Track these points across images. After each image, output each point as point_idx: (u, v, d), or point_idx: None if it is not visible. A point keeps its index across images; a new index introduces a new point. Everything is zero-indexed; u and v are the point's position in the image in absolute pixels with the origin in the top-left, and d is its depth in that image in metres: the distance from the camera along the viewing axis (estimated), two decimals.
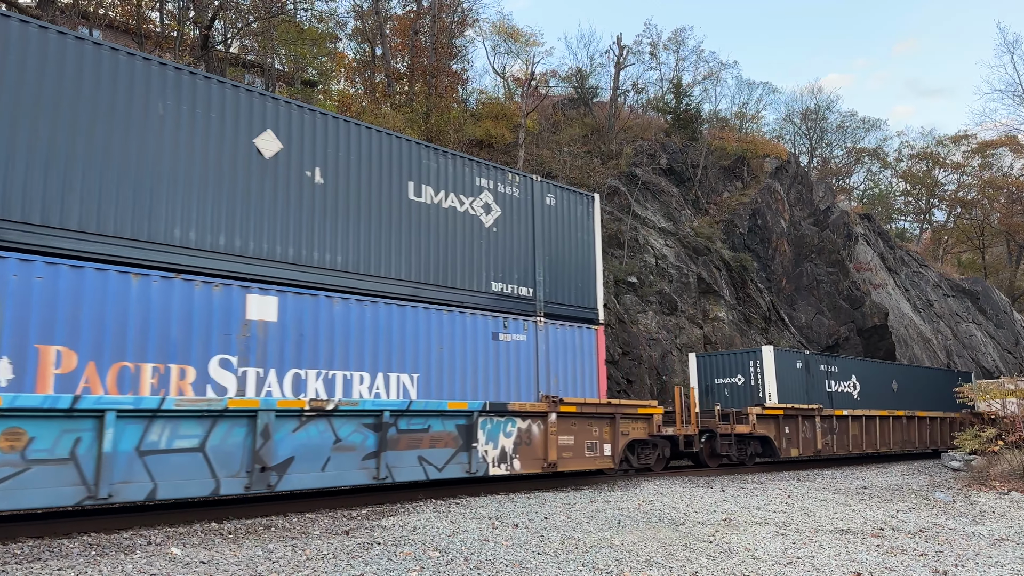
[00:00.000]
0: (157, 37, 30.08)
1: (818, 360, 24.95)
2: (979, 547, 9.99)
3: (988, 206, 62.56)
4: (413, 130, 30.27)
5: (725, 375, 24.40)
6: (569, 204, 16.70)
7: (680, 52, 50.75)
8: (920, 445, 27.72)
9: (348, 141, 12.93)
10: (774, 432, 21.63)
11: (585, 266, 16.64)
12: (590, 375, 16.14)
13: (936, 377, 31.60)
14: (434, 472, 12.89)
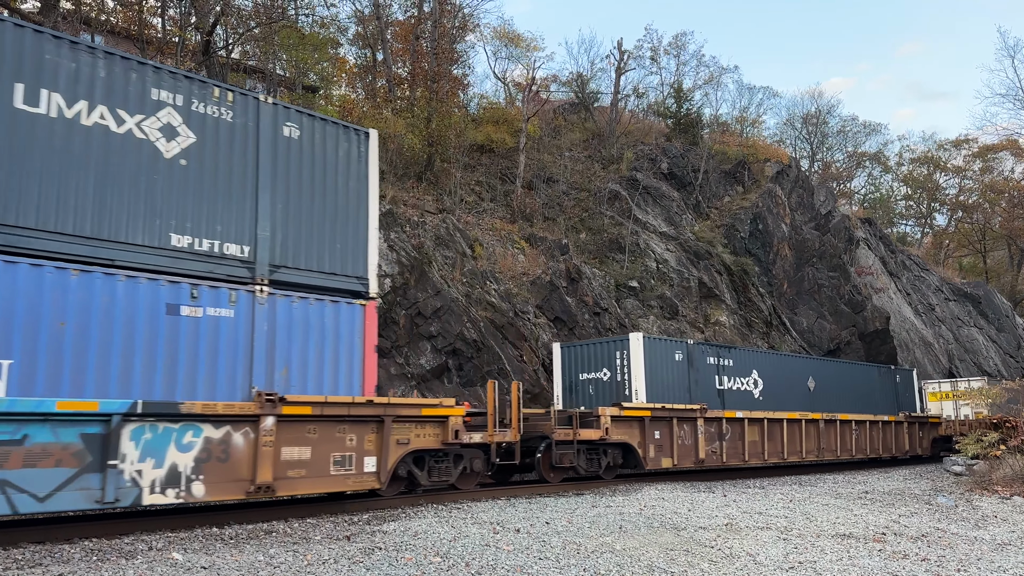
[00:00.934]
0: (159, 43, 30.17)
1: (706, 351, 21.65)
2: (982, 552, 9.97)
3: (989, 210, 62.53)
4: (415, 135, 30.33)
5: (590, 369, 20.83)
6: (324, 140, 12.86)
7: (681, 57, 50.96)
8: (844, 454, 24.04)
9: None
10: (638, 438, 17.75)
11: (350, 222, 12.93)
12: (349, 366, 12.46)
13: (867, 375, 28.49)
14: (29, 503, 8.96)
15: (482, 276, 26.48)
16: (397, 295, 22.97)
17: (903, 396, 29.90)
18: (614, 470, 17.65)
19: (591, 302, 28.41)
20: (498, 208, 33.04)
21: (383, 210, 24.99)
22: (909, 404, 30.10)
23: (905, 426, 27.10)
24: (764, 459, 20.87)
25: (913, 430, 27.68)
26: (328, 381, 12.17)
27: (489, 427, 14.40)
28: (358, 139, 13.41)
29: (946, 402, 31.42)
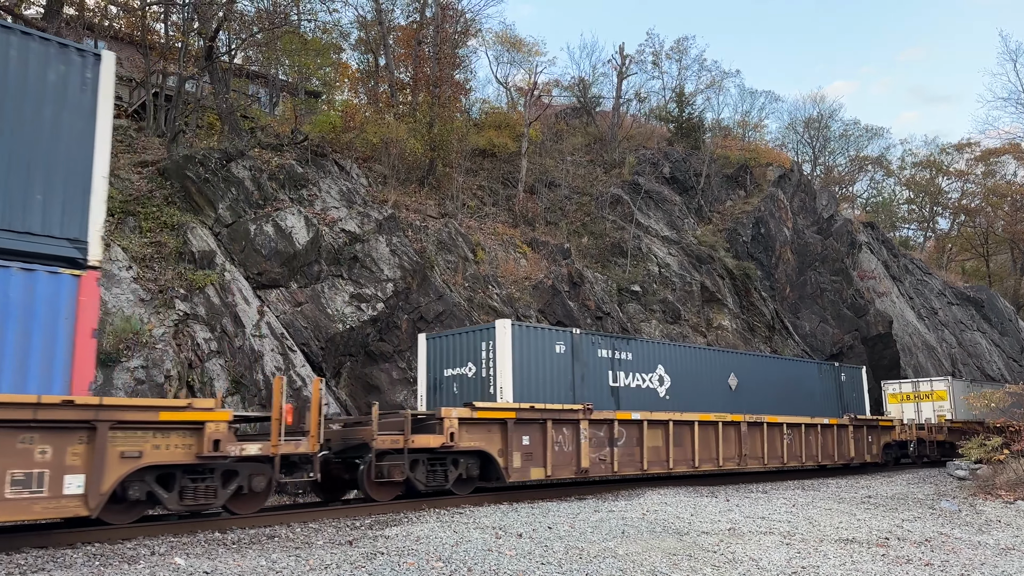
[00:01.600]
0: (162, 48, 30.28)
1: (597, 343, 18.74)
2: (985, 556, 9.94)
3: (992, 214, 62.45)
4: (417, 139, 30.37)
5: (455, 363, 17.93)
6: (25, 60, 9.93)
7: (682, 61, 50.78)
8: (773, 461, 20.97)
9: None
10: (499, 445, 14.69)
11: (61, 168, 10.06)
12: (47, 355, 9.53)
13: (805, 372, 25.60)
14: None
15: (484, 280, 26.50)
16: (399, 299, 22.99)
17: (850, 397, 27.29)
18: (469, 483, 14.72)
19: (593, 306, 28.40)
20: (500, 212, 33.07)
21: (385, 214, 25.05)
22: (857, 405, 27.42)
23: (850, 430, 24.12)
24: (669, 467, 17.91)
25: (860, 434, 24.71)
26: (8, 375, 9.19)
27: (273, 435, 11.33)
28: (82, 63, 10.35)
29: (907, 404, 30.02)
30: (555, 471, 15.51)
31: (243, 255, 21.81)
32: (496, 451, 14.69)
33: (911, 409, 29.75)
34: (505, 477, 14.74)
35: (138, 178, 22.79)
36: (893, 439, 26.17)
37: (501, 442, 14.80)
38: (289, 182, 24.45)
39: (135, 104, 31.63)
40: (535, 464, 15.26)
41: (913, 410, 29.63)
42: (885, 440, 25.89)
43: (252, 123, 29.77)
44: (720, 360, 22.42)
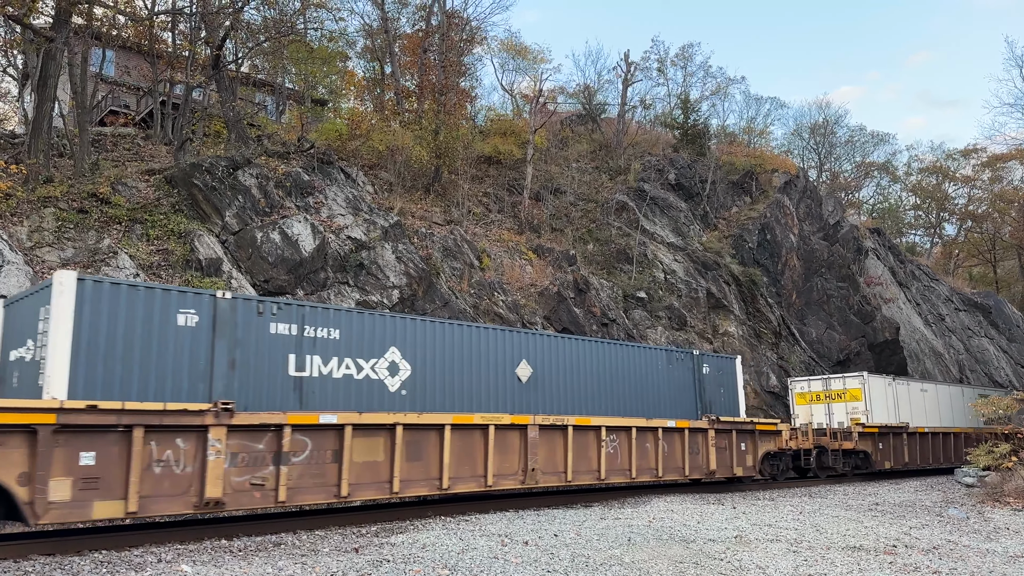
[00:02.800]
0: (169, 57, 30.46)
1: (270, 314, 13.37)
2: (994, 564, 9.88)
3: (999, 220, 62.23)
4: (422, 147, 30.47)
5: (19, 341, 12.83)
6: None
7: (688, 68, 51.00)
8: (585, 476, 15.47)
9: None
10: (22, 468, 9.18)
11: None
12: None
13: (644, 362, 20.10)
14: None
15: (490, 287, 26.52)
16: (405, 306, 23.02)
17: (715, 394, 21.78)
18: None
19: (599, 313, 28.39)
20: (505, 219, 33.11)
21: (391, 221, 25.12)
22: (727, 405, 22.12)
23: (711, 436, 18.28)
24: (393, 490, 12.39)
25: (727, 441, 18.94)
26: None
27: None
28: None
29: (817, 405, 26.10)
30: (150, 505, 10.06)
31: (250, 262, 21.89)
32: (14, 478, 9.16)
33: (821, 411, 25.88)
34: (31, 516, 9.17)
35: (145, 186, 22.91)
36: (778, 447, 20.74)
37: (29, 464, 9.26)
38: (295, 190, 24.54)
39: (142, 112, 31.82)
40: (106, 494, 9.73)
41: (823, 412, 25.80)
42: (767, 448, 20.26)
43: (259, 131, 29.91)
44: (503, 342, 16.69)
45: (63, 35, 22.21)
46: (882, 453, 24.37)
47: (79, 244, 19.47)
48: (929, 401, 28.50)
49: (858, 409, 25.09)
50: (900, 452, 25.28)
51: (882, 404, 25.64)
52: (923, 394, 28.40)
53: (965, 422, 29.63)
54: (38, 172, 21.19)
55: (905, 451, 25.46)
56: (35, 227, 19.43)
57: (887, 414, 25.66)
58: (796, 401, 27.09)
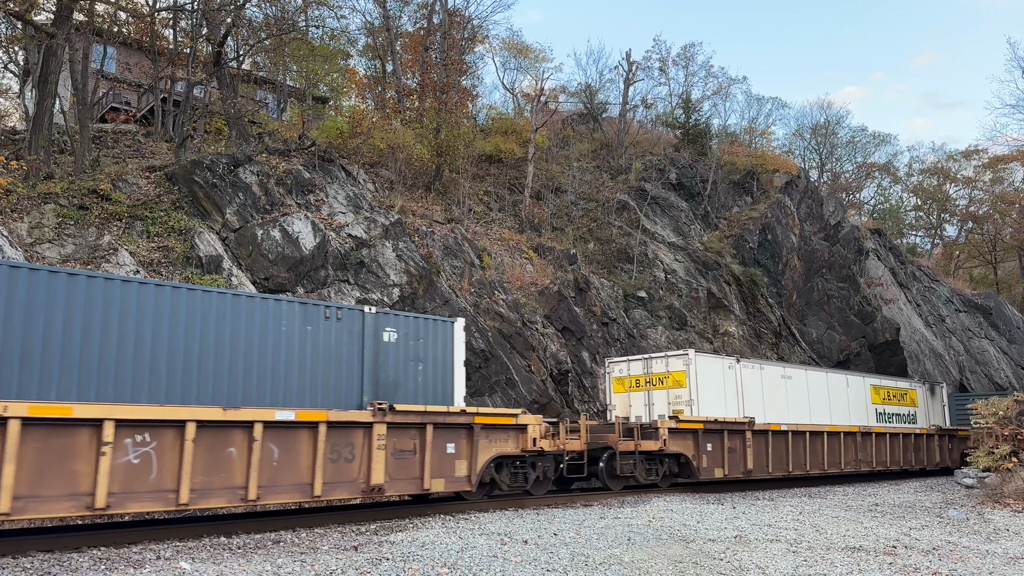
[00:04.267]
0: (170, 54, 30.43)
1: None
2: (993, 565, 9.87)
3: (1000, 221, 62.20)
4: (424, 145, 30.45)
5: None
6: None
7: (689, 68, 50.98)
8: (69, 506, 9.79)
9: None
10: None
11: None
12: None
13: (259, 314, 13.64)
14: None
15: (490, 286, 26.51)
16: (405, 305, 23.01)
17: (405, 371, 15.45)
18: None
19: (599, 312, 28.37)
20: (506, 218, 33.09)
21: (392, 220, 25.10)
22: (432, 388, 15.69)
23: (378, 433, 12.72)
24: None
25: (417, 441, 13.36)
26: None
27: None
28: None
29: (636, 393, 20.96)
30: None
31: (250, 260, 21.87)
32: None
33: (640, 401, 20.70)
34: None
35: (146, 183, 22.89)
36: (522, 448, 14.91)
37: None
38: (296, 187, 24.52)
39: (143, 109, 31.80)
40: None
41: (643, 403, 20.63)
42: (499, 451, 14.58)
43: (260, 128, 29.89)
44: None
45: (64, 31, 22.19)
46: (711, 457, 18.90)
47: (79, 241, 19.46)
48: (796, 391, 22.73)
49: (681, 398, 19.67)
50: (740, 456, 19.71)
51: (715, 392, 20.15)
52: (786, 382, 22.50)
53: (863, 419, 24.95)
54: (39, 168, 21.18)
55: (748, 455, 19.79)
56: (35, 223, 19.42)
57: (723, 405, 20.21)
58: (613, 388, 21.64)
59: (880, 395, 26.50)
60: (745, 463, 19.73)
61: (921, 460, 26.61)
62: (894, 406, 27.05)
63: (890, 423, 26.31)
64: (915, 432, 26.50)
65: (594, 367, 26.89)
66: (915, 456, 26.16)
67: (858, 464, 23.52)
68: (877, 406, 26.15)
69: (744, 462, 19.72)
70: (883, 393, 26.69)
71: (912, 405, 28.05)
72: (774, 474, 20.83)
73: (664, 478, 18.39)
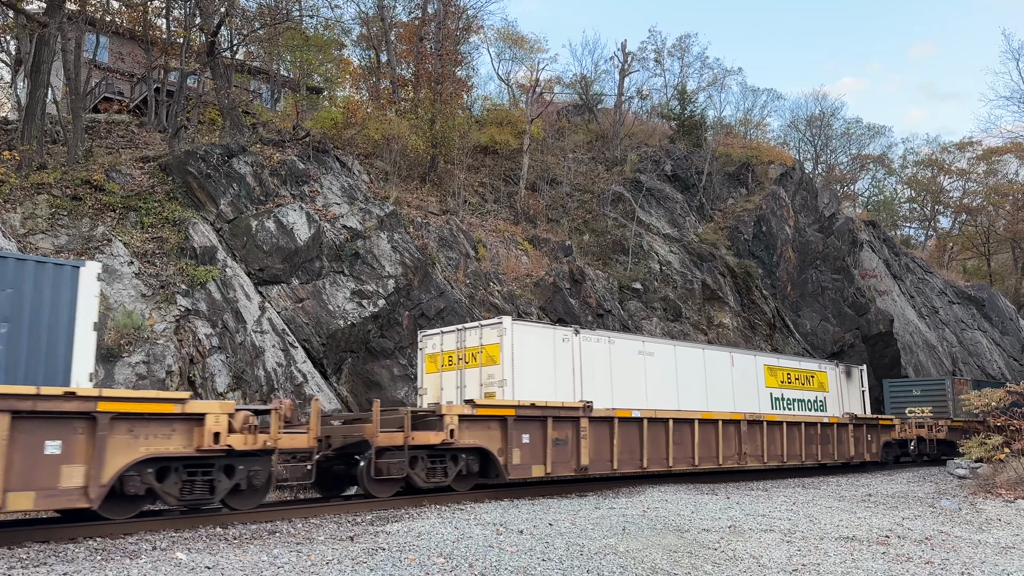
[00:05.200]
0: (163, 43, 30.26)
1: None
2: (985, 555, 9.94)
3: (994, 213, 62.42)
4: (418, 136, 30.36)
5: None
6: None
7: (685, 59, 50.78)
8: None
9: None
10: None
11: None
12: None
13: None
14: None
15: (485, 277, 26.50)
16: (400, 296, 23.00)
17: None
18: None
19: (594, 304, 28.40)
20: (502, 210, 33.06)
21: (387, 211, 25.06)
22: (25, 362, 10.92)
23: None
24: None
25: None
26: None
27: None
28: None
29: (448, 372, 17.48)
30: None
31: (244, 251, 21.82)
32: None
33: (452, 382, 17.33)
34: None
35: (140, 173, 22.80)
36: (196, 447, 10.80)
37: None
38: (291, 178, 24.45)
39: (136, 99, 31.63)
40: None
41: (455, 384, 17.28)
42: (146, 452, 10.35)
43: (254, 119, 29.77)
44: None
45: (56, 20, 22.04)
46: (527, 451, 14.98)
47: (73, 231, 19.38)
48: (659, 371, 19.01)
49: (494, 377, 16.07)
50: (571, 449, 15.71)
51: (541, 370, 16.55)
52: (645, 359, 18.69)
53: (753, 404, 21.54)
54: (31, 159, 21.06)
55: (583, 448, 15.80)
56: (28, 214, 19.33)
57: (552, 386, 16.51)
58: (425, 367, 18.28)
59: (777, 377, 22.92)
60: (578, 458, 15.75)
61: (830, 454, 22.90)
62: (796, 390, 23.61)
63: (789, 410, 22.94)
64: (821, 421, 22.79)
65: None
66: (822, 449, 22.43)
67: (743, 459, 19.44)
68: (773, 390, 22.58)
69: (577, 456, 15.76)
70: (781, 375, 23.12)
71: (820, 390, 24.59)
72: (621, 471, 16.79)
73: (460, 479, 14.41)
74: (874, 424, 25.39)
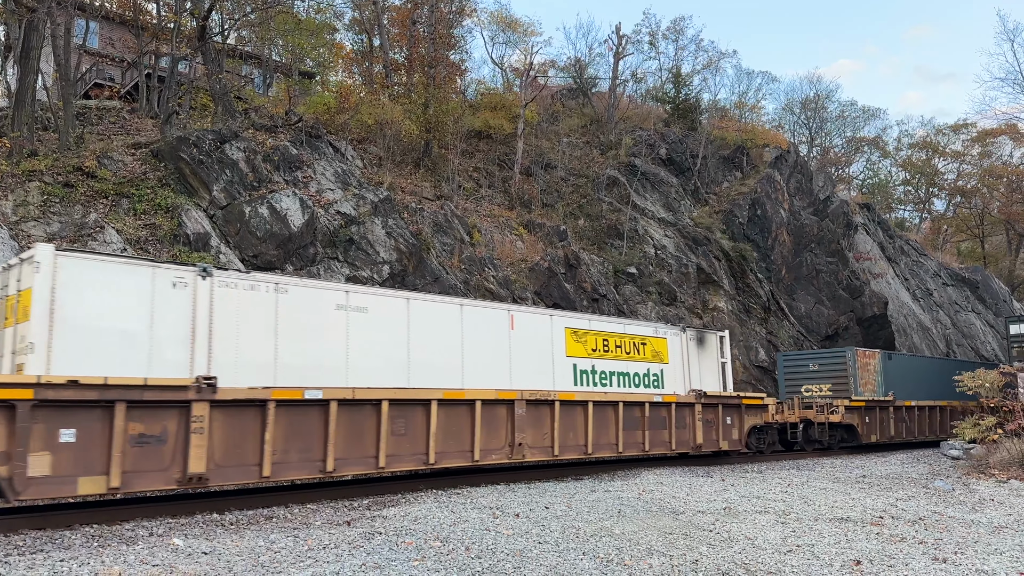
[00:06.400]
0: (154, 28, 29.99)
1: None
2: (978, 535, 10.02)
3: (988, 195, 62.47)
4: (412, 121, 30.21)
5: None
6: None
7: (679, 42, 50.79)
8: None
9: None
10: None
11: None
12: None
13: None
14: None
15: (480, 263, 26.46)
16: (395, 282, 22.95)
17: None
18: None
19: (589, 288, 28.40)
20: (496, 194, 32.97)
21: (381, 196, 24.97)
22: None
23: None
24: None
25: None
26: None
27: None
28: None
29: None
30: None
31: (238, 237, 21.73)
32: None
33: None
34: None
35: (132, 160, 22.64)
36: None
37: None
38: (284, 164, 24.32)
39: (127, 85, 31.37)
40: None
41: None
42: None
43: (246, 104, 29.57)
44: None
45: (45, 5, 21.80)
46: (71, 457, 9.62)
47: (65, 219, 19.27)
48: (374, 332, 13.39)
49: (27, 340, 10.05)
50: (170, 451, 10.40)
51: (120, 329, 10.72)
52: (348, 316, 13.08)
53: (545, 379, 15.93)
54: (22, 146, 20.90)
55: (193, 447, 10.45)
56: (20, 201, 19.21)
57: (145, 356, 10.85)
58: None
59: (586, 344, 17.08)
60: (185, 463, 10.40)
61: (664, 441, 17.61)
62: (616, 361, 17.62)
63: (604, 387, 17.15)
64: (651, 400, 17.46)
65: None
66: (650, 436, 17.22)
67: (516, 451, 14.61)
68: (578, 360, 16.80)
69: (182, 461, 10.41)
70: (593, 341, 17.26)
71: (655, 361, 18.54)
72: (282, 477, 11.58)
73: None
74: (735, 404, 19.74)
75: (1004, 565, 8.33)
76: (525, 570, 7.35)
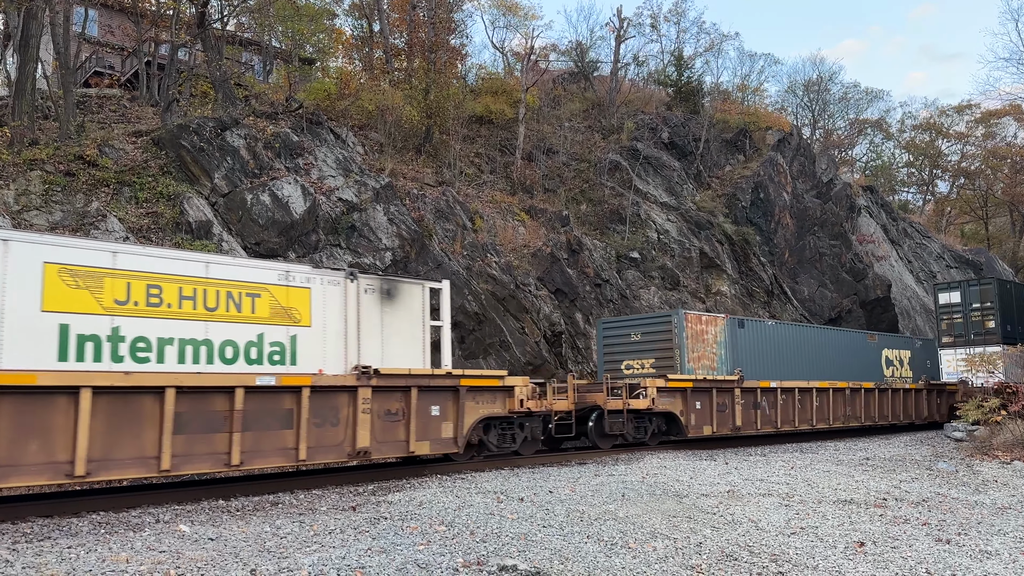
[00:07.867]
0: (153, 15, 29.85)
1: None
2: (982, 516, 10.04)
3: (992, 176, 62.18)
4: (413, 107, 30.08)
5: None
6: None
7: (681, 24, 50.18)
8: None
9: None
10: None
11: None
12: None
13: None
14: None
15: (482, 249, 26.43)
16: (398, 268, 22.95)
17: None
18: None
19: (592, 274, 28.38)
20: (498, 180, 32.88)
21: (383, 183, 24.92)
22: None
23: None
24: None
25: None
26: None
27: None
28: None
29: None
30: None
31: (240, 225, 21.72)
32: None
33: None
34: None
35: (132, 148, 22.60)
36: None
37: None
38: (285, 151, 24.27)
39: (127, 73, 31.27)
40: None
41: None
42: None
43: (246, 91, 29.46)
44: None
45: None
46: None
47: (67, 207, 19.26)
48: None
49: None
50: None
51: None
52: None
53: None
54: (23, 135, 20.87)
55: None
56: (22, 190, 19.20)
57: None
58: None
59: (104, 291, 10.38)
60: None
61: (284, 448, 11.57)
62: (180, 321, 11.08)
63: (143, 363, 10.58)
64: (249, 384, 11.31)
65: (588, 328, 26.99)
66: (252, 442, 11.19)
67: None
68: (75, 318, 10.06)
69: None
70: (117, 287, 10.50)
71: (282, 322, 12.32)
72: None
73: None
74: (447, 388, 14.03)
75: (1007, 546, 8.36)
76: (530, 553, 7.38)
